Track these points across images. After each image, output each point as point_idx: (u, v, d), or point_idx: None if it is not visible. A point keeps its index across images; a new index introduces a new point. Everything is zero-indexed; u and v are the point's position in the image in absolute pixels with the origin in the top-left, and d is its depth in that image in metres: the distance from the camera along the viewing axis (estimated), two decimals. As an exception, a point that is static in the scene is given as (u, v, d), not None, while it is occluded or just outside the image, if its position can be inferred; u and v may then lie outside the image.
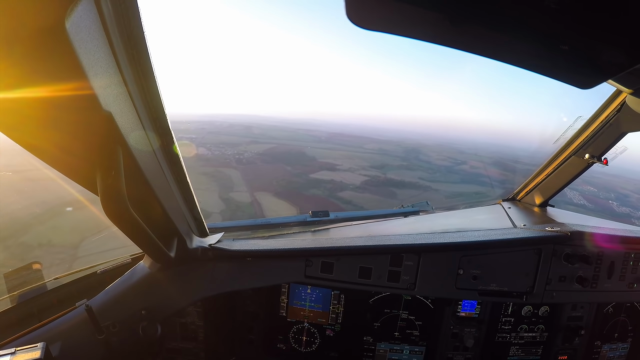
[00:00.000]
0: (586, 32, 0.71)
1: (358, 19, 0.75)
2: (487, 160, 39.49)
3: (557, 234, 2.35)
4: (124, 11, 1.02)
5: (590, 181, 32.22)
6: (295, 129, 79.92)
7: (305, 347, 2.48)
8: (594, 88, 0.93)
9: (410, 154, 57.38)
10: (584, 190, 25.24)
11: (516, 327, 2.50)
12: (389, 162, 49.57)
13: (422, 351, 2.48)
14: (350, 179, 37.62)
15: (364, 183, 37.11)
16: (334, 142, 65.90)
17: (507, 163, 6.74)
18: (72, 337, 1.82)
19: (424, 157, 55.29)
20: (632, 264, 2.47)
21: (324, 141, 65.35)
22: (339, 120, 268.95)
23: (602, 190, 28.63)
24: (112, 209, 1.21)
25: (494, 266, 2.34)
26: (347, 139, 69.44)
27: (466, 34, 0.80)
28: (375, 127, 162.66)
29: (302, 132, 74.16)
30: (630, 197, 30.66)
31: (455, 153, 59.27)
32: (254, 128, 67.51)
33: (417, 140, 77.76)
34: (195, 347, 2.33)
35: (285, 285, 2.39)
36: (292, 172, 37.65)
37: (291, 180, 36.30)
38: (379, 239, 2.41)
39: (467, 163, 48.85)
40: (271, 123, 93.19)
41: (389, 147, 65.97)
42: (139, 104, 1.24)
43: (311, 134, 73.12)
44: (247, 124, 72.91)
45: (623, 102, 2.31)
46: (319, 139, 68.40)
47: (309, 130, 79.07)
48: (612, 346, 2.67)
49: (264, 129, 70.76)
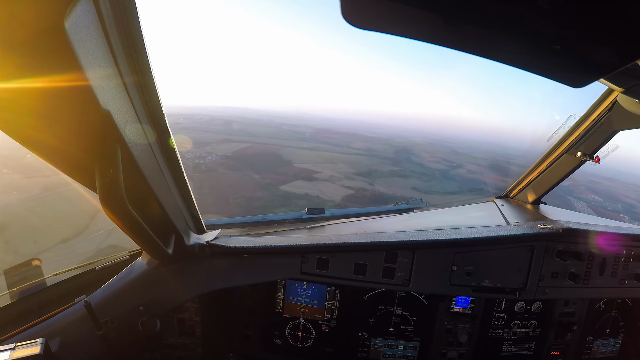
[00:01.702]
0: (578, 31, 0.72)
1: (353, 18, 0.76)
2: (482, 162, 36.22)
3: (549, 231, 2.37)
4: (122, 11, 1.04)
5: (595, 189, 31.53)
6: (279, 124, 75.16)
7: (302, 342, 2.51)
8: (586, 87, 0.93)
9: (401, 154, 53.87)
10: (590, 200, 24.90)
11: (509, 322, 2.53)
12: (378, 166, 44.83)
13: (416, 346, 2.51)
14: (329, 193, 31.79)
15: (346, 199, 31.41)
16: (319, 139, 61.83)
17: (504, 166, 6.62)
18: (71, 332, 1.83)
19: (416, 158, 51.78)
20: (623, 261, 2.50)
21: (307, 139, 61.42)
22: (328, 114, 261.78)
23: (609, 200, 28.27)
24: (110, 206, 1.22)
25: (487, 263, 2.36)
26: (334, 137, 65.28)
27: (460, 33, 0.81)
28: (365, 123, 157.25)
29: (286, 129, 69.58)
30: (637, 207, 30.12)
31: (449, 154, 56.22)
32: (235, 123, 63.01)
33: (408, 138, 74.03)
34: (192, 342, 2.35)
35: (282, 282, 2.42)
36: (259, 183, 31.17)
37: (252, 197, 29.22)
38: (374, 235, 2.42)
39: (463, 166, 45.86)
40: (257, 117, 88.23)
41: (378, 146, 61.43)
42: (137, 102, 1.25)
43: (296, 130, 68.77)
44: (229, 118, 68.25)
45: (615, 100, 2.33)
46: (303, 136, 64.07)
47: (295, 126, 74.71)
48: (604, 342, 2.70)
49: (245, 124, 66.15)
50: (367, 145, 60.21)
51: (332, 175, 36.31)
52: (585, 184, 32.52)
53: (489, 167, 11.09)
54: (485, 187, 22.06)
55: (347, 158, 47.29)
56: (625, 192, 34.14)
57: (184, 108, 73.66)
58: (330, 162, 42.86)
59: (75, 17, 0.80)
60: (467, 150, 59.36)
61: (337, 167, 39.79)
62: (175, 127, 1.47)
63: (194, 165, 31.12)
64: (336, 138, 64.99)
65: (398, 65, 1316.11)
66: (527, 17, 0.69)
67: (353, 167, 41.79)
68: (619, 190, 35.05)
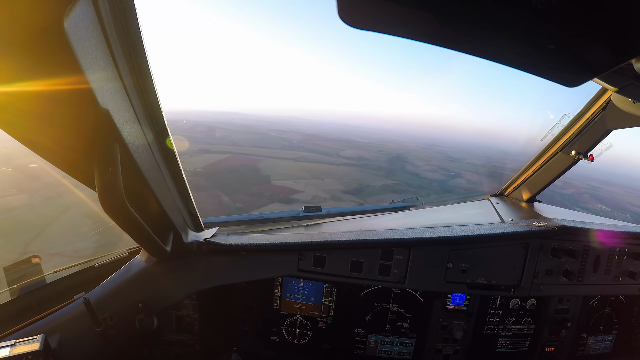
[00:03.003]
0: (572, 31, 0.72)
1: (350, 19, 0.75)
2: (481, 169, 34.93)
3: (544, 229, 2.39)
4: (120, 11, 1.04)
5: (600, 197, 30.48)
6: (267, 129, 70.69)
7: (298, 339, 2.53)
8: (580, 86, 0.92)
9: (394, 162, 50.56)
10: (598, 211, 24.45)
11: (504, 319, 2.55)
12: (370, 179, 40.74)
13: (412, 343, 2.54)
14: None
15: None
16: (307, 147, 57.45)
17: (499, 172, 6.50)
18: (70, 329, 1.85)
19: (410, 166, 48.08)
20: (617, 258, 2.52)
21: (294, 147, 58.45)
22: (319, 119, 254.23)
23: (617, 210, 27.76)
24: (109, 204, 1.23)
25: (482, 260, 2.38)
26: (323, 144, 62.05)
27: (455, 33, 0.80)
28: (356, 126, 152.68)
29: (273, 135, 65.33)
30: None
31: (445, 161, 53.05)
32: (219, 130, 59.85)
33: (401, 143, 70.56)
34: (190, 339, 2.37)
35: (279, 279, 2.44)
36: (227, 207, 26.77)
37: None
38: (370, 233, 2.44)
39: (462, 175, 42.87)
40: (245, 122, 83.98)
41: (370, 153, 56.99)
42: (136, 101, 1.26)
43: (283, 137, 64.44)
44: (214, 124, 64.18)
45: (608, 99, 2.35)
46: (290, 144, 59.91)
47: (283, 132, 70.38)
48: (598, 338, 2.73)
49: (230, 130, 61.82)
50: (358, 153, 56.66)
51: (315, 195, 31.86)
52: (588, 190, 31.84)
53: (489, 176, 10.90)
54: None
55: (336, 171, 42.82)
56: (628, 199, 33.40)
57: (171, 113, 70.80)
58: (316, 177, 38.00)
59: (75, 18, 0.81)
60: (463, 155, 56.68)
61: (323, 184, 35.25)
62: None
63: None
64: (325, 145, 60.77)
65: (391, 67, 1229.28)
66: (521, 17, 0.69)
67: (341, 182, 37.71)
68: (623, 197, 34.25)
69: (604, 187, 35.02)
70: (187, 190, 1.88)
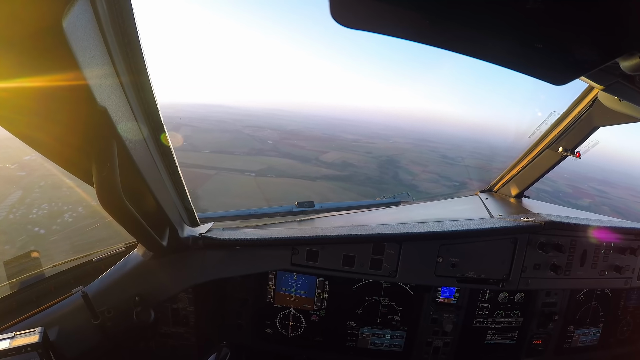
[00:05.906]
0: (560, 30, 0.74)
1: (342, 18, 0.77)
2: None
3: (532, 224, 2.43)
4: (118, 11, 1.06)
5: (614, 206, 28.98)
6: (242, 127, 60.30)
7: (292, 331, 2.57)
8: (568, 84, 0.95)
9: (386, 169, 44.32)
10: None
11: (493, 312, 2.60)
12: (355, 199, 31.81)
13: (403, 335, 2.58)
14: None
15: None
16: (280, 150, 48.46)
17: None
18: (69, 322, 1.87)
19: (405, 174, 42.02)
20: (603, 253, 2.57)
21: (265, 151, 47.36)
22: (304, 111, 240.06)
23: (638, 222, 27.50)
24: (107, 200, 1.26)
25: (471, 254, 2.42)
26: (301, 145, 52.22)
27: (445, 32, 0.83)
28: (343, 120, 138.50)
29: (246, 134, 56.85)
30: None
31: (443, 165, 47.38)
32: (185, 128, 47.05)
33: (391, 140, 64.86)
34: (186, 331, 2.41)
35: (273, 273, 2.47)
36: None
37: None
38: (362, 228, 2.47)
39: (467, 186, 39.29)
40: (222, 117, 74.35)
41: (357, 156, 49.22)
42: (133, 99, 1.28)
43: (258, 136, 56.15)
44: (183, 121, 52.89)
45: (595, 97, 2.40)
46: (264, 144, 50.75)
47: (259, 129, 60.53)
48: (585, 331, 2.78)
49: (198, 128, 52.57)
50: (343, 156, 47.09)
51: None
52: (603, 202, 30.36)
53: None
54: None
55: (310, 188, 32.79)
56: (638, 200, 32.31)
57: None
58: (279, 200, 28.68)
59: (73, 17, 0.83)
60: (458, 152, 53.05)
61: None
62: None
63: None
64: (304, 147, 51.08)
65: (382, 61, 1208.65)
66: (510, 16, 0.72)
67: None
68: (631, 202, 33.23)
69: (610, 190, 33.80)
70: (182, 185, 1.89)
